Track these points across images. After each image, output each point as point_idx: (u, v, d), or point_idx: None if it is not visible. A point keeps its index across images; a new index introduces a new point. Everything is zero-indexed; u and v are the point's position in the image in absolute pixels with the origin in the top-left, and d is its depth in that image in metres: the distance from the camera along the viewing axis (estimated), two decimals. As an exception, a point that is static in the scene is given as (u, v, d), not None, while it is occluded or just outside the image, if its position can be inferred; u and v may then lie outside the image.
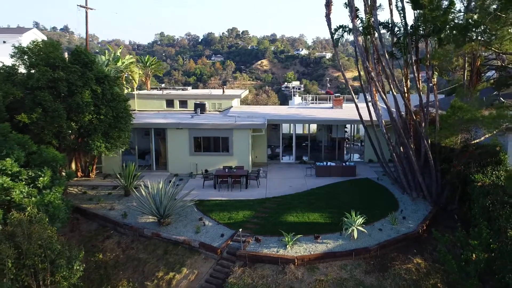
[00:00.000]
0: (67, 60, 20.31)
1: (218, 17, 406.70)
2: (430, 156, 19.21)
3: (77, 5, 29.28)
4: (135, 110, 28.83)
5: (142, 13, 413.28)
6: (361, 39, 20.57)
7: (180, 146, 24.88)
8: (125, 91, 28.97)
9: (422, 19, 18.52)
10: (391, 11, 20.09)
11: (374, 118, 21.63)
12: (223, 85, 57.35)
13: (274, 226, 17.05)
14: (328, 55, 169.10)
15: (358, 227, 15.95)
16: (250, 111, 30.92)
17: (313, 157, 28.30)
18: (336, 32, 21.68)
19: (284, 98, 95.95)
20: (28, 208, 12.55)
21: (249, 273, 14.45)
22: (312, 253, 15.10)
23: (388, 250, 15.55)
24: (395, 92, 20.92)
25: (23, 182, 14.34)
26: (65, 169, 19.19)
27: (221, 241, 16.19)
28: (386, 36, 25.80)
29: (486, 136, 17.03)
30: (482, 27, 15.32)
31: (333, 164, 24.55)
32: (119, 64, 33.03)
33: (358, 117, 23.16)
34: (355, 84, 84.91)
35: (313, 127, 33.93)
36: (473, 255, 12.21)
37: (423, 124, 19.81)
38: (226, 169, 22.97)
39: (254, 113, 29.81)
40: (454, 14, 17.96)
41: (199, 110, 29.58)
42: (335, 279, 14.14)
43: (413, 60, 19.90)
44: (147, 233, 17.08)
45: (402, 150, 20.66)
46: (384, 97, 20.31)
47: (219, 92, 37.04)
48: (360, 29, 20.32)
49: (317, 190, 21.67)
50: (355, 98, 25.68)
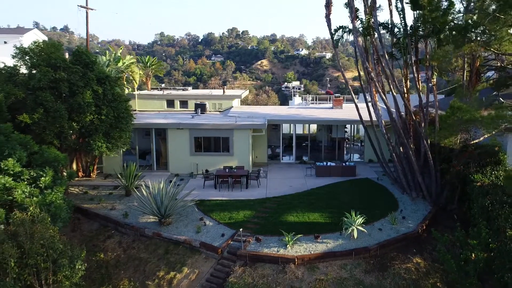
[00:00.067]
0: (68, 61, 20.39)
1: (218, 17, 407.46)
2: (429, 156, 19.28)
3: (77, 5, 29.39)
4: (135, 110, 28.93)
5: (142, 13, 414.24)
6: (361, 39, 20.65)
7: (181, 146, 24.95)
8: (126, 91, 29.05)
9: (421, 20, 18.60)
10: (390, 11, 20.17)
11: (374, 118, 21.71)
12: (223, 85, 57.44)
13: (274, 226, 17.14)
14: (328, 55, 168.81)
15: (358, 227, 16.03)
16: (251, 111, 30.97)
17: (313, 157, 28.36)
18: (336, 33, 21.77)
19: (284, 98, 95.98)
20: (30, 208, 12.64)
21: (249, 273, 14.54)
22: (312, 252, 15.19)
23: (388, 249, 15.64)
24: (394, 93, 20.98)
25: (25, 182, 14.47)
26: (67, 169, 19.29)
27: (221, 241, 16.27)
28: (386, 37, 25.85)
29: (485, 136, 17.07)
30: (481, 28, 15.41)
31: (333, 164, 24.62)
32: (120, 64, 33.07)
33: (358, 117, 23.23)
34: (355, 84, 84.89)
35: (313, 127, 33.97)
36: (472, 255, 12.29)
37: (422, 124, 19.88)
38: (227, 169, 23.04)
39: (254, 113, 29.87)
40: (453, 15, 18.11)
41: (199, 110, 29.64)
42: (335, 279, 14.23)
43: (413, 60, 19.99)
44: (148, 233, 17.17)
45: (401, 150, 20.72)
46: (384, 97, 20.36)
47: (219, 92, 37.11)
48: (360, 30, 20.39)
49: (317, 190, 21.75)
50: (355, 98, 25.74)
